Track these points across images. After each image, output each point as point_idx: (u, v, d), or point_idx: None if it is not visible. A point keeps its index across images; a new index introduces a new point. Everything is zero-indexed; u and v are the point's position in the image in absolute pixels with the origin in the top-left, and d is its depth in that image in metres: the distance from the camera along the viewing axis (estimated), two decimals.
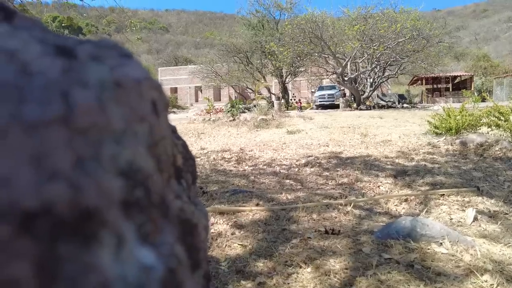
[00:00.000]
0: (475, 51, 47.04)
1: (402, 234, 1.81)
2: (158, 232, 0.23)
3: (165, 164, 0.26)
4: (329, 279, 1.45)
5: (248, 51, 27.25)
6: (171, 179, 0.30)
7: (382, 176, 3.75)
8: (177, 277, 0.22)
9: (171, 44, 79.84)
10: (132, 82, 0.21)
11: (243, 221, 2.29)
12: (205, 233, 0.38)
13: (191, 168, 0.46)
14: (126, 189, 0.20)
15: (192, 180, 0.47)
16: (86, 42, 0.24)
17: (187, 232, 0.29)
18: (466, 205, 2.67)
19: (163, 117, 0.26)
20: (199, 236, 0.32)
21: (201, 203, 0.48)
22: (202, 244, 0.33)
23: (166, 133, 0.26)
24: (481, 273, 1.42)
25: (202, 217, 0.37)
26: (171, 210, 0.26)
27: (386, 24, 18.55)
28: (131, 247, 0.20)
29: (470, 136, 5.01)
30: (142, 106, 0.22)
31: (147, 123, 0.22)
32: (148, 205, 0.21)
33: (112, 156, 0.18)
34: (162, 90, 0.27)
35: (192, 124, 11.57)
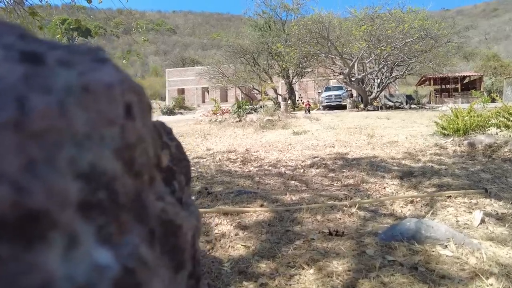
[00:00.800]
0: (485, 51, 46.42)
1: (407, 236, 1.80)
2: (124, 233, 0.23)
3: (144, 166, 0.27)
4: (332, 281, 1.44)
5: (254, 52, 27.29)
6: (154, 181, 0.30)
7: (388, 178, 3.71)
8: (136, 277, 0.22)
9: (178, 45, 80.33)
10: (102, 87, 0.21)
11: (247, 222, 2.29)
12: (193, 234, 0.38)
13: (184, 169, 0.46)
14: (87, 191, 0.20)
15: (185, 182, 0.47)
16: (60, 48, 0.24)
17: (170, 233, 0.29)
18: (473, 207, 2.63)
19: (142, 120, 0.26)
20: (184, 237, 0.32)
21: (194, 204, 0.48)
22: (188, 245, 0.33)
23: (145, 135, 0.26)
24: (487, 276, 1.39)
25: (192, 219, 0.37)
26: (149, 211, 0.26)
27: (394, 24, 18.43)
28: (87, 247, 0.20)
29: (479, 137, 4.94)
30: (112, 110, 0.22)
31: (118, 127, 0.23)
32: (113, 207, 0.22)
33: (71, 159, 0.19)
34: (142, 93, 0.27)
35: (198, 125, 11.61)
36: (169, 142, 0.45)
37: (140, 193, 0.25)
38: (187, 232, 0.33)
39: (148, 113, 0.28)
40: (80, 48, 0.25)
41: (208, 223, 2.29)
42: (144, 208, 0.25)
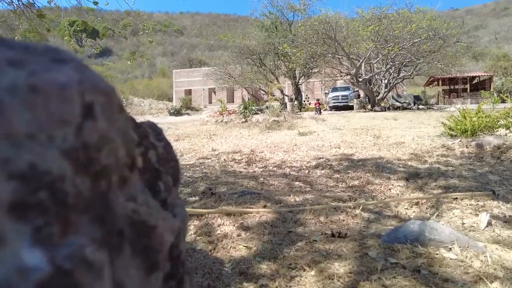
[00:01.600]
0: (495, 51, 45.72)
1: (410, 238, 1.77)
2: (68, 233, 0.23)
3: (112, 167, 0.26)
4: (332, 283, 1.43)
5: (261, 53, 27.28)
6: (127, 181, 0.30)
7: (393, 179, 3.68)
8: (72, 279, 0.22)
9: (185, 46, 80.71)
10: (54, 87, 0.21)
11: (249, 222, 2.28)
12: (177, 235, 0.38)
13: (172, 170, 0.46)
14: (23, 192, 0.20)
15: (173, 182, 0.47)
16: (16, 48, 0.24)
17: (143, 233, 0.29)
18: (480, 209, 2.59)
19: (109, 120, 0.26)
20: (159, 238, 0.32)
21: (182, 205, 0.48)
22: (164, 246, 0.33)
23: (112, 136, 0.26)
24: (491, 280, 1.37)
25: (175, 220, 0.37)
26: (116, 212, 0.26)
27: (401, 25, 18.26)
28: (15, 248, 0.19)
29: (487, 138, 4.87)
30: (66, 110, 0.22)
31: (73, 127, 0.22)
32: (58, 207, 0.21)
33: (5, 160, 0.18)
34: (111, 94, 0.27)
35: (205, 126, 11.65)
36: (156, 143, 0.45)
37: (104, 193, 0.25)
38: (163, 233, 0.33)
39: (119, 113, 0.28)
40: (38, 48, 0.25)
41: (210, 223, 2.29)
42: (108, 209, 0.25)
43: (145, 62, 61.94)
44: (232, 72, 28.70)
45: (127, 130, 0.30)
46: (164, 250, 0.33)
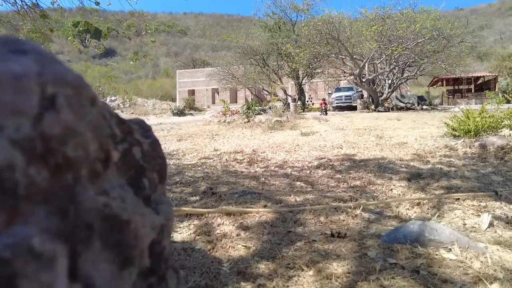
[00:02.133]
0: (500, 51, 45.37)
1: (410, 239, 1.76)
2: (14, 223, 0.22)
3: (80, 160, 0.26)
4: (330, 283, 1.42)
5: (264, 53, 27.27)
6: (99, 175, 0.30)
7: (395, 179, 3.66)
8: (11, 267, 0.21)
9: (189, 46, 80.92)
10: (9, 77, 0.21)
11: (249, 222, 2.28)
12: (159, 232, 0.37)
13: (158, 167, 0.46)
14: None
15: (159, 179, 0.46)
16: None
17: (115, 228, 0.29)
18: (482, 210, 2.57)
19: (76, 113, 0.25)
20: (133, 233, 0.31)
21: (167, 202, 0.48)
22: (140, 242, 0.33)
23: (80, 129, 0.26)
24: (491, 281, 1.35)
25: (157, 216, 0.37)
26: (84, 205, 0.26)
27: (405, 25, 18.17)
28: None
29: (490, 138, 4.83)
30: (21, 100, 0.21)
31: (29, 118, 0.22)
32: (5, 196, 0.21)
33: None
34: (80, 86, 0.26)
35: (207, 126, 11.66)
36: (141, 140, 0.45)
37: (69, 186, 0.25)
38: (139, 229, 0.33)
39: (91, 107, 0.28)
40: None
41: (210, 223, 2.29)
42: (74, 202, 0.25)
43: (149, 62, 62.15)
44: (235, 72, 28.73)
45: (101, 124, 0.30)
46: (140, 246, 0.33)
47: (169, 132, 10.06)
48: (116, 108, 31.81)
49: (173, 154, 5.88)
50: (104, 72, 56.00)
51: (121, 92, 36.70)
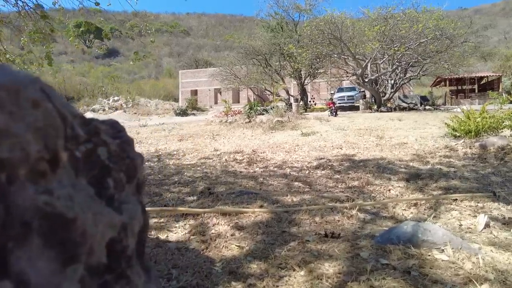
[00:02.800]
0: (503, 51, 45.09)
1: (403, 240, 1.76)
2: None
3: (16, 161, 0.27)
4: (321, 283, 1.42)
5: (267, 53, 27.25)
6: (46, 175, 0.30)
7: (394, 180, 3.65)
8: None
9: (192, 47, 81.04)
10: None
11: (244, 222, 2.29)
12: (120, 231, 0.38)
13: (125, 167, 0.46)
14: None
15: (127, 179, 0.47)
16: None
17: (58, 226, 0.29)
18: (479, 211, 2.56)
19: (13, 115, 0.26)
20: (80, 231, 0.32)
21: (135, 202, 0.48)
22: (87, 239, 0.33)
23: (16, 130, 0.26)
24: (481, 282, 1.35)
25: (121, 216, 0.37)
26: (20, 204, 0.26)
27: (407, 25, 18.11)
28: None
29: (491, 139, 4.81)
30: None
31: None
32: None
33: None
34: (15, 89, 0.27)
35: (209, 126, 11.68)
36: (109, 140, 0.45)
37: (2, 185, 0.25)
38: (88, 227, 0.33)
39: (33, 109, 0.28)
40: None
41: (206, 223, 2.29)
42: (7, 201, 0.25)
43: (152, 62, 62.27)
44: (237, 72, 28.73)
45: (45, 125, 0.30)
46: (88, 243, 0.33)
47: (170, 132, 10.09)
48: (119, 108, 31.93)
49: (173, 154, 5.89)
50: (107, 72, 56.22)
51: (124, 92, 36.83)
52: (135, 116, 27.29)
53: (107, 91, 38.27)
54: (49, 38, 4.73)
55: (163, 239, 2.06)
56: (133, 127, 13.68)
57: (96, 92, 37.58)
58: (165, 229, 2.23)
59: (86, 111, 29.33)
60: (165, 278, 1.52)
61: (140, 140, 8.35)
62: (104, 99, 34.96)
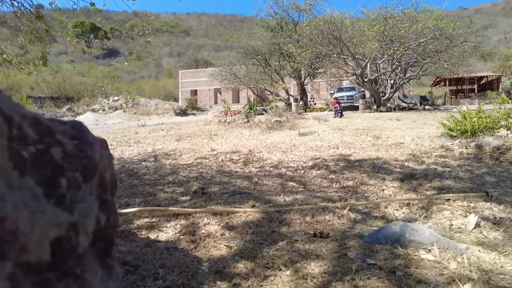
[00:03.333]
0: (503, 51, 45.06)
1: (391, 240, 1.76)
2: None
3: None
4: (305, 283, 1.43)
5: (266, 53, 27.26)
6: None
7: (388, 180, 3.65)
8: None
9: (192, 47, 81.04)
10: None
11: (235, 222, 2.29)
12: (56, 229, 0.38)
13: (82, 167, 0.47)
14: None
15: (83, 179, 0.48)
16: None
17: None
18: (471, 211, 2.56)
19: None
20: (8, 229, 0.32)
21: (92, 202, 0.49)
22: (16, 237, 0.33)
23: None
24: (464, 282, 1.35)
25: (71, 215, 0.38)
26: None
27: (407, 24, 18.10)
28: None
29: (487, 139, 4.81)
30: None
31: None
32: None
33: None
34: None
35: (207, 126, 11.68)
36: (64, 141, 0.46)
37: None
38: (21, 225, 0.34)
39: None
40: None
41: (197, 223, 2.30)
42: None
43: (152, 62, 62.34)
44: (237, 72, 28.75)
45: None
46: (19, 242, 0.34)
47: (168, 132, 10.09)
48: (119, 108, 31.96)
49: (170, 154, 5.90)
50: (107, 72, 56.28)
51: (124, 92, 36.89)
52: (135, 116, 27.32)
53: (107, 91, 38.33)
54: (45, 38, 4.74)
55: (153, 238, 2.07)
56: (132, 127, 13.70)
57: (96, 92, 37.63)
58: (156, 228, 2.24)
59: (86, 111, 29.36)
60: (151, 278, 1.53)
61: (138, 140, 8.36)
62: (104, 99, 35.01)
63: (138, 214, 2.49)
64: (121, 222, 2.38)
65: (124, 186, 3.64)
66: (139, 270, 1.60)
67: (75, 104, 33.72)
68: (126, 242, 1.99)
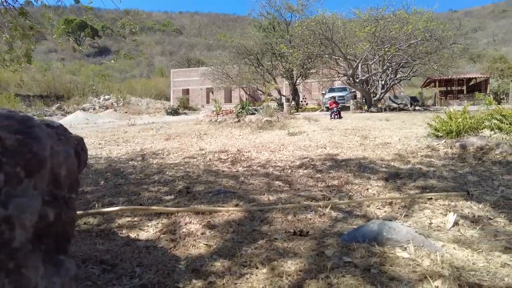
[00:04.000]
0: (492, 53, 45.86)
1: (368, 238, 1.78)
2: None
3: None
4: (281, 280, 1.43)
5: (258, 53, 27.30)
6: None
7: (373, 179, 3.69)
8: None
9: (184, 46, 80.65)
10: None
11: (217, 221, 2.29)
12: None
13: (25, 162, 0.46)
14: None
15: (26, 174, 0.47)
16: None
17: None
18: (451, 209, 2.60)
19: None
20: None
21: (33, 196, 0.48)
22: None
23: None
24: (435, 279, 1.37)
25: (4, 210, 0.37)
26: None
27: (397, 26, 18.28)
28: None
29: (471, 139, 4.88)
30: None
31: None
32: None
33: None
34: None
35: (198, 125, 11.65)
36: (4, 135, 0.45)
37: None
38: None
39: None
40: None
41: (178, 222, 2.29)
42: None
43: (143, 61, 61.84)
44: (229, 72, 28.72)
45: None
46: None
47: (158, 132, 10.03)
48: (110, 107, 31.67)
49: (158, 153, 5.87)
50: (98, 70, 55.66)
51: (115, 91, 36.57)
52: (125, 115, 27.08)
53: (98, 89, 37.94)
54: (30, 35, 4.68)
55: (133, 237, 2.06)
56: (122, 126, 13.58)
57: (87, 91, 37.23)
58: (137, 227, 2.22)
59: (76, 109, 29.02)
60: (128, 276, 1.52)
61: (127, 139, 8.30)
62: (95, 98, 34.67)
63: (120, 213, 2.47)
64: (102, 221, 2.36)
65: (109, 185, 3.61)
66: (116, 269, 1.59)
67: (65, 102, 33.30)
68: (105, 241, 1.97)
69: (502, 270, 1.51)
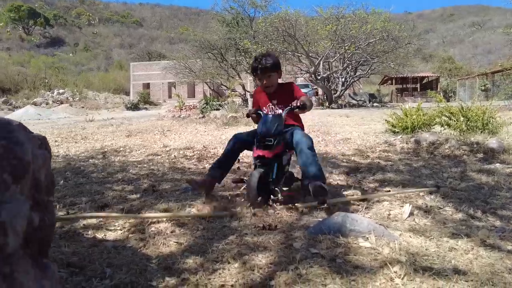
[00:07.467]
0: (441, 54, 49.14)
1: (333, 230, 1.88)
2: None
3: None
4: (252, 273, 1.49)
5: (222, 48, 27.10)
6: None
7: (335, 173, 3.85)
8: None
9: (144, 38, 77.92)
10: None
11: (186, 219, 2.29)
12: None
13: (11, 168, 0.47)
14: None
15: (13, 180, 0.48)
16: None
17: None
18: (407, 201, 2.79)
19: None
20: None
21: (18, 201, 0.49)
22: None
23: None
24: (394, 265, 1.50)
25: None
26: None
27: (357, 25, 18.98)
28: None
29: (424, 134, 5.24)
30: None
31: None
32: None
33: None
34: None
35: (160, 121, 11.39)
36: None
37: None
38: None
39: None
40: None
41: (146, 221, 2.27)
42: None
43: (100, 54, 58.92)
44: (192, 66, 28.24)
45: None
46: None
47: (118, 128, 9.68)
48: (65, 102, 29.93)
49: (119, 150, 5.68)
50: (50, 62, 52.24)
51: (71, 85, 34.64)
52: (82, 110, 25.76)
53: (51, 83, 35.70)
54: None
55: (100, 238, 2.01)
56: (79, 122, 12.94)
57: (38, 84, 34.89)
58: (103, 228, 2.17)
59: (26, 104, 27.07)
60: (98, 277, 1.50)
61: (86, 136, 7.94)
62: (48, 92, 32.61)
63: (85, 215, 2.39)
64: (66, 222, 2.28)
65: (70, 184, 3.46)
66: (84, 271, 1.56)
67: (12, 96, 30.98)
68: (71, 243, 1.91)
69: (450, 254, 1.68)
